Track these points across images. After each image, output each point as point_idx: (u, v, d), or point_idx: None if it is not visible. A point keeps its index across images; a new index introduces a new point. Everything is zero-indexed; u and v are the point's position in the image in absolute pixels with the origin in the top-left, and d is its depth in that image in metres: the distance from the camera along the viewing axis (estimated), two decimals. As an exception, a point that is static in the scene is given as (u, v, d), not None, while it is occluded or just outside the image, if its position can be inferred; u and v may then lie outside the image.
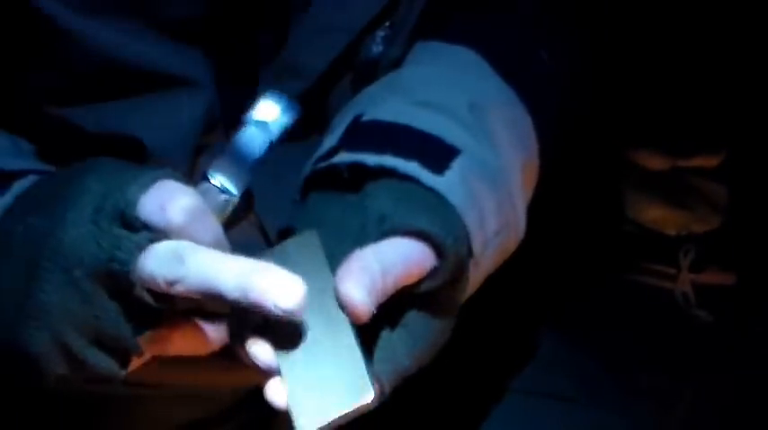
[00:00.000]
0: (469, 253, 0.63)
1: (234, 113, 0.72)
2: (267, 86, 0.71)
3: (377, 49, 0.73)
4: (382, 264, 0.57)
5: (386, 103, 0.68)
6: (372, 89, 0.70)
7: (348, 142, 0.65)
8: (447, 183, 0.63)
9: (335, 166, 0.64)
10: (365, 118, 0.67)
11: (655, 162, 1.13)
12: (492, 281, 0.96)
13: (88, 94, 0.69)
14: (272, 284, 0.53)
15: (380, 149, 0.63)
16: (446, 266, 0.60)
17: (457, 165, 0.64)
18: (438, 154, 0.64)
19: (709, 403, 1.04)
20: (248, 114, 0.67)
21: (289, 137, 0.73)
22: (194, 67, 0.70)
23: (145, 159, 0.70)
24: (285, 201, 0.68)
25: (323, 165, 0.65)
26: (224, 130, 0.72)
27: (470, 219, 0.63)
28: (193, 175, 0.72)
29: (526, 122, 0.72)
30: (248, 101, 0.72)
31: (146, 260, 0.54)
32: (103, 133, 0.69)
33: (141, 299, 0.54)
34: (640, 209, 1.14)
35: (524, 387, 0.99)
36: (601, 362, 1.03)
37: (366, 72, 0.73)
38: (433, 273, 0.60)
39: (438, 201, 0.62)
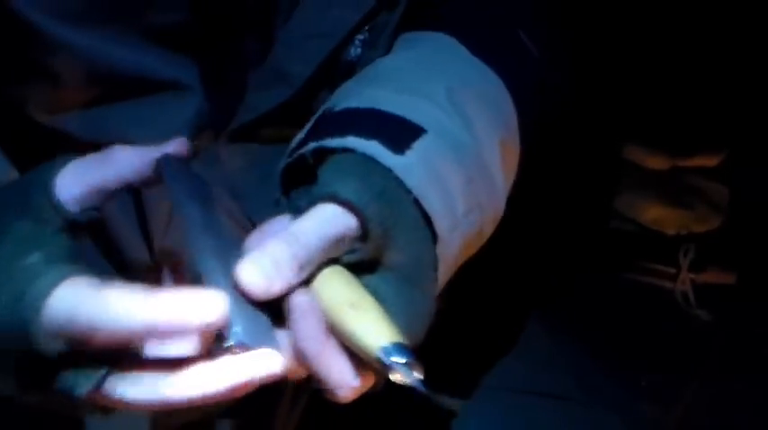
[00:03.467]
0: (433, 234, 0.62)
1: (223, 118, 0.72)
2: (256, 93, 0.72)
3: (355, 52, 0.74)
4: (294, 236, 0.57)
5: (358, 93, 0.67)
6: (347, 84, 0.70)
7: (315, 132, 0.65)
8: (406, 162, 0.62)
9: (303, 157, 0.64)
10: (335, 109, 0.66)
11: (655, 162, 1.14)
12: (492, 281, 0.96)
13: (76, 101, 0.70)
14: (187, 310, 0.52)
15: (344, 133, 0.63)
16: (371, 231, 0.58)
17: (420, 144, 0.63)
18: (401, 133, 0.64)
19: (709, 403, 1.04)
20: None
21: (276, 139, 0.73)
22: (182, 71, 0.70)
23: None
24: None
25: (291, 157, 0.65)
26: (213, 134, 0.72)
27: (432, 200, 0.62)
28: None
29: (505, 99, 0.72)
30: (237, 105, 0.72)
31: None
32: (93, 139, 0.69)
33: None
34: (640, 209, 1.14)
35: (524, 387, 0.99)
36: (600, 361, 1.03)
37: (344, 74, 0.73)
38: (360, 241, 0.59)
39: (391, 181, 0.61)
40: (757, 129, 1.11)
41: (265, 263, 0.55)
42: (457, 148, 0.65)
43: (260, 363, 0.53)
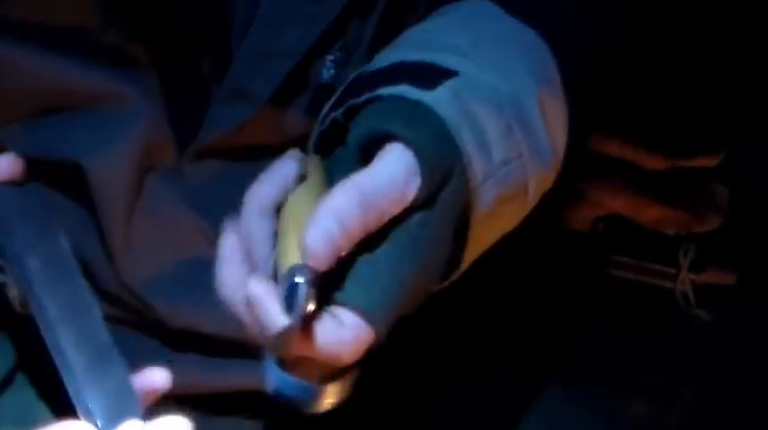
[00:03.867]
0: (466, 176, 0.58)
1: (184, 133, 0.71)
2: (218, 108, 0.70)
3: (328, 73, 0.71)
4: (362, 196, 0.53)
5: (384, 58, 0.64)
6: (380, 53, 0.67)
7: (345, 95, 0.62)
8: (436, 97, 0.58)
9: (335, 122, 0.61)
10: (365, 73, 0.64)
11: (655, 162, 1.13)
12: (492, 280, 0.96)
13: (14, 115, 0.68)
14: None
15: (372, 88, 0.60)
16: (427, 174, 0.55)
17: (450, 83, 0.60)
18: (430, 75, 0.60)
19: (709, 403, 1.04)
20: None
21: (245, 156, 0.72)
22: (128, 84, 0.68)
23: (83, 180, 0.69)
24: None
25: (324, 124, 0.62)
26: (177, 151, 0.71)
27: (465, 138, 0.58)
28: (139, 196, 0.71)
29: (544, 53, 0.67)
30: (200, 122, 0.71)
31: None
32: (39, 156, 0.67)
33: None
34: (640, 209, 1.14)
35: (523, 387, 0.99)
36: (600, 361, 1.03)
37: (321, 96, 0.69)
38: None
39: (424, 112, 0.57)
40: (757, 130, 1.11)
41: (333, 228, 0.52)
42: (491, 94, 0.62)
43: None
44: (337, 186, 0.54)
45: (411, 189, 0.55)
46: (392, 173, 0.55)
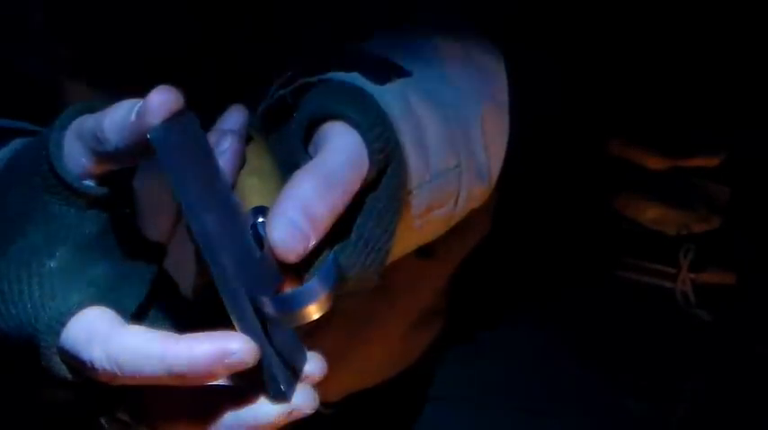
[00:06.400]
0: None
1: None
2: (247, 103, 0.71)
3: None
4: (328, 180, 0.52)
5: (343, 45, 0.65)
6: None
7: (296, 76, 0.61)
8: (383, 92, 0.58)
9: (282, 99, 0.60)
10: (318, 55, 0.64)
11: (655, 162, 1.13)
12: (492, 280, 0.96)
13: None
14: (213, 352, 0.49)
15: (324, 69, 0.59)
16: (373, 154, 0.54)
17: (401, 82, 0.60)
18: (384, 70, 0.60)
19: (709, 403, 1.04)
20: None
21: None
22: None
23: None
24: None
25: (271, 99, 0.61)
26: None
27: (404, 136, 0.57)
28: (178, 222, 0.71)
29: (498, 71, 0.68)
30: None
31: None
32: None
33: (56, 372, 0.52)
34: (640, 209, 1.14)
35: (522, 387, 1.00)
36: (600, 361, 1.03)
37: None
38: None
39: (369, 102, 0.57)
40: (757, 130, 1.11)
41: (299, 219, 0.51)
42: (439, 101, 0.62)
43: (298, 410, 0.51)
44: (297, 172, 0.54)
45: (366, 165, 0.55)
46: (348, 149, 0.55)
